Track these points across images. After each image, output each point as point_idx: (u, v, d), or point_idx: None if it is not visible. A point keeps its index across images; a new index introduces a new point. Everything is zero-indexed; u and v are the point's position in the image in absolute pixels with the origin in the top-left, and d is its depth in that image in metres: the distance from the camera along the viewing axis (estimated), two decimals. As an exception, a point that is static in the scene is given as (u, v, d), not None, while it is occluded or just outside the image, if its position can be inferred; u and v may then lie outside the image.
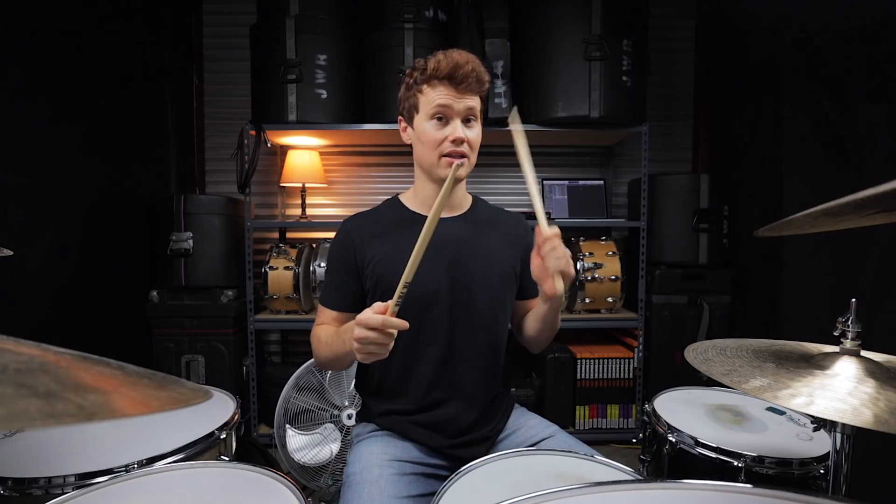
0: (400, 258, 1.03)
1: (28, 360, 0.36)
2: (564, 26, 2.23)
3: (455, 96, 1.00)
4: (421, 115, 1.03)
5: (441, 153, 1.02)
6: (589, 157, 2.88)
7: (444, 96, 1.00)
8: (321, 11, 2.32)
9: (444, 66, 0.99)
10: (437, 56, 1.01)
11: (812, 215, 0.59)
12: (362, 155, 2.85)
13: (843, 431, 0.77)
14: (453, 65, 0.99)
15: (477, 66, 1.01)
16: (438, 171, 1.04)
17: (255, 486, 0.82)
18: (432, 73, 1.00)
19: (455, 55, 1.00)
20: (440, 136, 1.01)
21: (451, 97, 1.00)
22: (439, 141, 1.01)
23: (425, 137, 1.03)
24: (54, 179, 1.83)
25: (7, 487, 0.87)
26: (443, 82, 1.00)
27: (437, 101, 1.00)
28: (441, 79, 1.00)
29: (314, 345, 1.08)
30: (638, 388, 2.42)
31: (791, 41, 1.96)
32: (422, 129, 1.03)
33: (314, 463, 1.73)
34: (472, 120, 1.04)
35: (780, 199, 2.02)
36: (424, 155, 1.04)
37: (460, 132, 1.01)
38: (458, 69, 0.99)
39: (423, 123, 1.03)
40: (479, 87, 1.03)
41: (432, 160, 1.03)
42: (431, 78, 1.01)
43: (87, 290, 1.99)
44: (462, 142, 1.01)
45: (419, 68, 1.03)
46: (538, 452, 0.95)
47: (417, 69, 1.03)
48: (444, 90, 1.00)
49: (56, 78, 1.84)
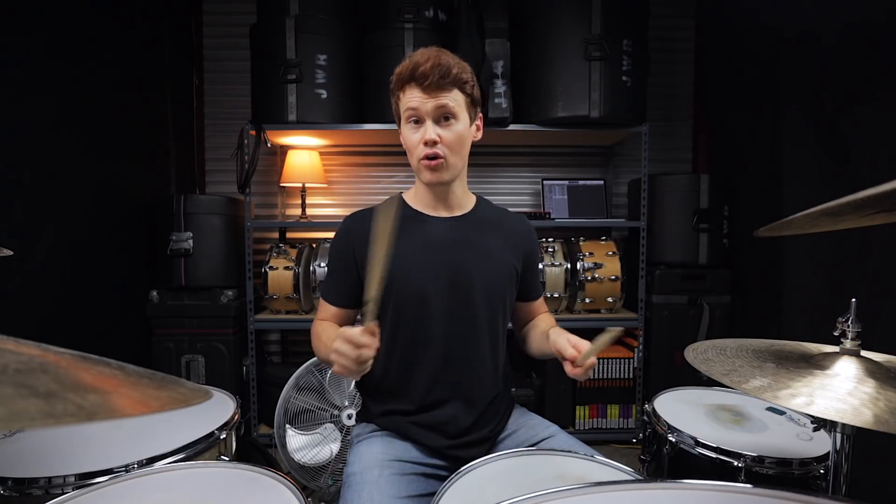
0: (399, 256, 1.03)
1: (28, 360, 0.36)
2: (564, 26, 2.23)
3: (423, 97, 0.98)
4: (402, 121, 1.04)
5: (419, 157, 1.01)
6: (589, 157, 2.88)
7: (412, 99, 0.99)
8: (321, 11, 2.32)
9: (405, 69, 0.98)
10: (403, 60, 1.00)
11: (812, 215, 0.59)
12: (362, 155, 2.85)
13: (843, 431, 0.77)
14: (412, 65, 0.97)
15: (440, 61, 0.96)
16: (420, 176, 1.05)
17: (255, 486, 0.82)
18: (398, 78, 1.00)
19: (416, 55, 0.98)
20: (415, 139, 1.01)
21: (419, 98, 0.98)
22: (415, 144, 1.01)
23: (405, 142, 1.04)
24: (54, 179, 1.83)
25: (7, 487, 0.87)
26: (410, 85, 0.99)
27: (407, 104, 1.00)
28: (407, 81, 0.99)
29: (314, 340, 1.09)
30: (638, 388, 2.42)
31: (791, 41, 1.96)
32: (402, 134, 1.04)
33: (314, 463, 1.73)
34: (449, 118, 1.00)
35: (780, 199, 2.02)
36: (410, 160, 1.05)
37: (430, 133, 0.98)
38: (416, 68, 0.97)
39: (403, 129, 1.03)
40: (449, 81, 0.97)
41: (415, 165, 1.04)
42: (401, 82, 1.00)
43: (87, 290, 1.99)
44: (435, 143, 0.99)
45: (394, 73, 1.02)
46: (538, 452, 0.95)
47: (394, 74, 1.02)
48: (413, 92, 0.99)
49: (56, 78, 1.84)
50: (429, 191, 1.08)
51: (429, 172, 1.01)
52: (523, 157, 2.87)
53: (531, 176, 2.87)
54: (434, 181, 1.02)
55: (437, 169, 1.01)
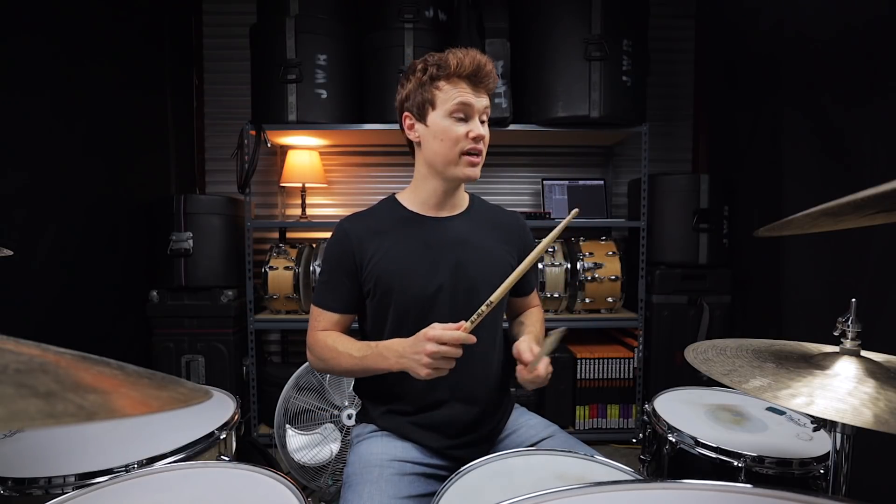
0: (399, 258, 1.03)
1: (28, 360, 0.36)
2: (564, 26, 2.23)
3: (476, 95, 1.01)
4: (438, 112, 1.01)
5: (462, 150, 1.01)
6: (589, 157, 2.88)
7: (465, 94, 1.00)
8: (321, 11, 2.32)
9: (467, 65, 0.99)
10: (457, 54, 1.00)
11: (812, 215, 0.59)
12: (362, 155, 2.85)
13: (843, 431, 0.77)
14: (477, 63, 1.00)
15: (493, 67, 1.03)
16: (455, 170, 1.03)
17: (255, 486, 0.82)
18: (455, 70, 0.99)
19: (477, 55, 1.00)
20: (461, 132, 1.00)
21: (472, 95, 1.00)
22: (460, 137, 1.00)
23: (445, 134, 1.01)
24: (55, 179, 1.83)
25: (7, 487, 0.87)
26: (464, 80, 1.00)
27: (459, 98, 0.99)
28: (463, 76, 1.00)
29: (322, 351, 1.04)
30: (638, 388, 2.42)
31: (791, 41, 1.96)
32: (440, 125, 1.01)
33: (314, 463, 1.73)
34: (485, 120, 1.05)
35: (780, 199, 2.02)
36: (441, 152, 1.02)
37: (482, 129, 1.02)
38: (481, 68, 1.00)
39: (441, 120, 1.01)
40: (493, 88, 1.05)
41: (451, 157, 1.02)
42: (453, 75, 1.00)
43: (87, 290, 1.98)
44: (481, 139, 1.02)
45: (435, 64, 1.01)
46: (538, 452, 0.95)
47: (433, 64, 1.01)
48: (466, 88, 1.00)
49: (56, 78, 1.84)
50: (436, 191, 1.08)
51: (470, 167, 1.03)
52: (523, 157, 2.87)
53: (531, 176, 2.87)
54: (473, 176, 1.04)
55: (476, 165, 1.03)
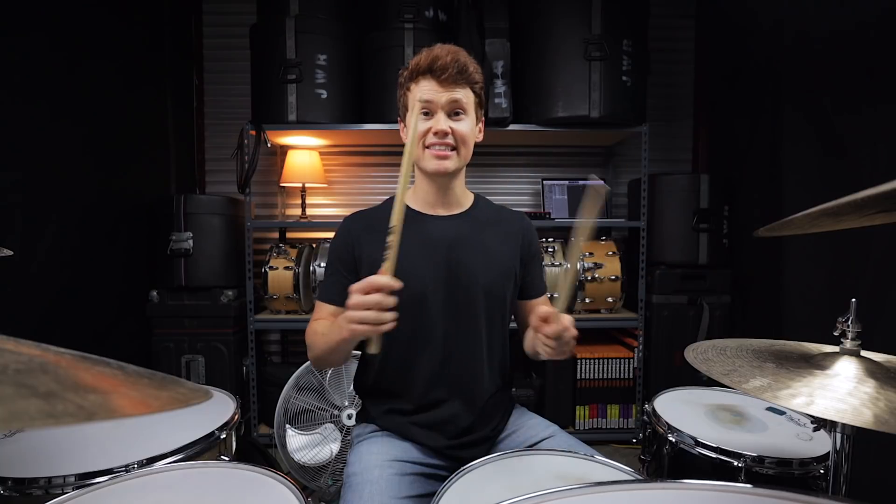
0: (398, 256, 1.03)
1: (28, 360, 0.36)
2: (564, 26, 2.23)
3: (437, 90, 1.01)
4: (412, 112, 1.04)
5: (424, 145, 1.03)
6: (589, 157, 2.88)
7: (426, 91, 1.01)
8: (321, 11, 2.32)
9: (423, 61, 1.01)
10: (421, 52, 1.03)
11: (812, 215, 0.59)
12: (362, 155, 2.85)
13: (843, 431, 0.77)
14: (432, 58, 1.00)
15: (459, 57, 1.01)
16: (425, 164, 1.04)
17: (255, 486, 0.82)
18: (414, 69, 1.02)
19: (436, 49, 1.01)
20: (423, 128, 1.02)
21: (433, 91, 1.01)
22: (423, 133, 1.02)
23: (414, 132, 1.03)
24: (54, 179, 1.83)
25: (7, 487, 0.87)
26: (425, 77, 1.01)
27: (420, 95, 1.01)
28: (423, 73, 1.01)
29: (309, 338, 1.06)
30: (638, 388, 2.42)
31: (791, 41, 1.96)
32: (411, 124, 1.04)
33: (314, 463, 1.73)
34: (459, 113, 1.04)
35: (780, 199, 2.02)
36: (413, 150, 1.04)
37: (443, 124, 1.01)
38: (436, 61, 1.00)
39: (412, 119, 1.03)
40: (464, 78, 1.02)
41: (419, 153, 1.04)
42: (415, 74, 1.03)
43: (87, 290, 1.98)
44: (446, 134, 1.01)
45: (407, 66, 1.05)
46: (538, 452, 0.95)
47: (406, 67, 1.05)
48: (427, 84, 1.01)
49: (56, 78, 1.84)
50: (429, 188, 1.08)
51: (437, 160, 1.02)
52: (523, 157, 2.87)
53: (531, 176, 2.87)
54: (439, 170, 1.03)
55: (446, 158, 1.03)
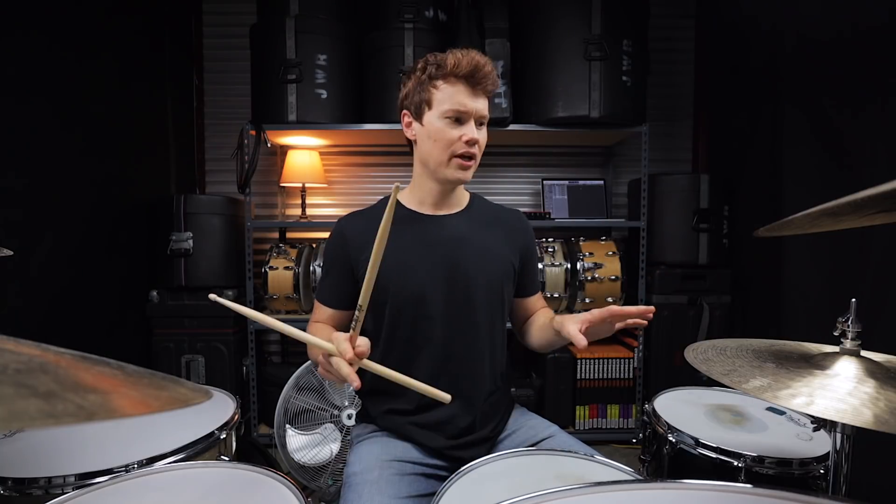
0: (394, 256, 1.02)
1: (28, 360, 0.36)
2: (564, 26, 2.23)
3: (472, 97, 1.00)
4: (433, 112, 1.01)
5: (453, 153, 1.01)
6: (589, 157, 2.88)
7: (461, 95, 0.99)
8: (321, 11, 2.32)
9: (465, 65, 0.97)
10: (456, 54, 0.99)
11: (812, 215, 0.59)
12: (362, 155, 2.85)
13: (843, 431, 0.77)
14: (474, 65, 0.98)
15: (493, 69, 1.01)
16: (446, 172, 1.02)
17: (255, 486, 0.82)
18: (451, 70, 0.98)
19: (476, 55, 0.99)
20: (454, 135, 1.00)
21: (468, 97, 0.99)
22: (453, 140, 1.00)
23: (438, 136, 1.00)
24: (54, 179, 1.83)
25: (7, 487, 0.87)
26: (461, 80, 0.99)
27: (455, 99, 0.99)
28: (459, 77, 0.98)
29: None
30: (638, 388, 2.42)
31: (791, 41, 1.96)
32: (434, 126, 1.01)
33: (314, 463, 1.73)
34: (483, 123, 1.04)
35: (780, 199, 2.02)
36: (433, 153, 1.02)
37: (477, 133, 1.01)
38: (478, 70, 0.98)
39: (435, 121, 1.01)
40: (493, 90, 1.03)
41: (441, 159, 1.01)
42: (450, 75, 0.99)
43: (87, 291, 1.98)
44: (475, 143, 1.01)
45: (435, 63, 1.00)
46: (538, 452, 0.95)
47: (433, 64, 1.00)
48: (462, 89, 0.99)
49: (56, 78, 1.84)
50: (433, 189, 1.08)
51: (461, 170, 1.02)
52: (523, 157, 2.87)
53: (531, 176, 2.87)
54: (465, 179, 1.04)
55: (468, 169, 1.02)
